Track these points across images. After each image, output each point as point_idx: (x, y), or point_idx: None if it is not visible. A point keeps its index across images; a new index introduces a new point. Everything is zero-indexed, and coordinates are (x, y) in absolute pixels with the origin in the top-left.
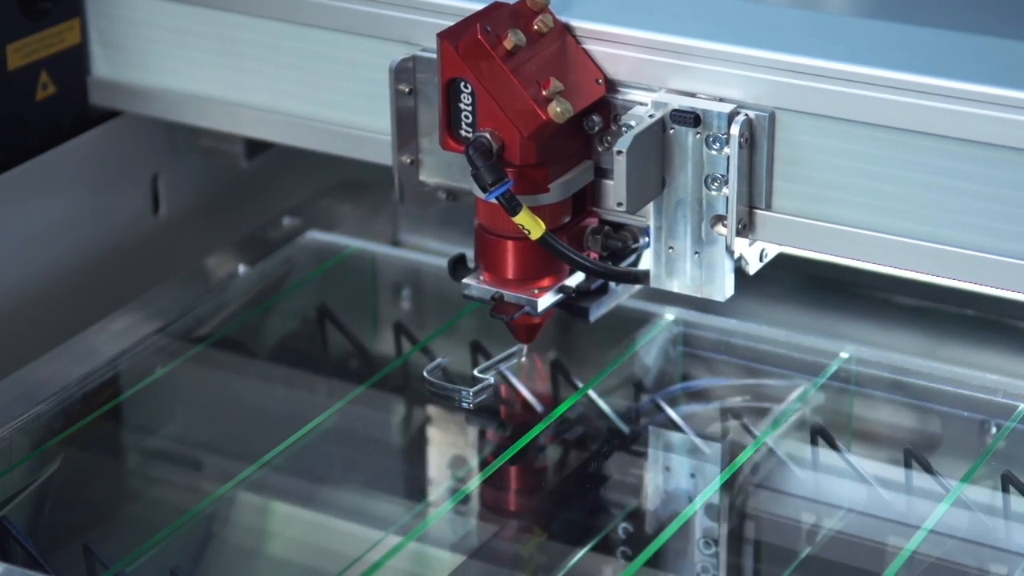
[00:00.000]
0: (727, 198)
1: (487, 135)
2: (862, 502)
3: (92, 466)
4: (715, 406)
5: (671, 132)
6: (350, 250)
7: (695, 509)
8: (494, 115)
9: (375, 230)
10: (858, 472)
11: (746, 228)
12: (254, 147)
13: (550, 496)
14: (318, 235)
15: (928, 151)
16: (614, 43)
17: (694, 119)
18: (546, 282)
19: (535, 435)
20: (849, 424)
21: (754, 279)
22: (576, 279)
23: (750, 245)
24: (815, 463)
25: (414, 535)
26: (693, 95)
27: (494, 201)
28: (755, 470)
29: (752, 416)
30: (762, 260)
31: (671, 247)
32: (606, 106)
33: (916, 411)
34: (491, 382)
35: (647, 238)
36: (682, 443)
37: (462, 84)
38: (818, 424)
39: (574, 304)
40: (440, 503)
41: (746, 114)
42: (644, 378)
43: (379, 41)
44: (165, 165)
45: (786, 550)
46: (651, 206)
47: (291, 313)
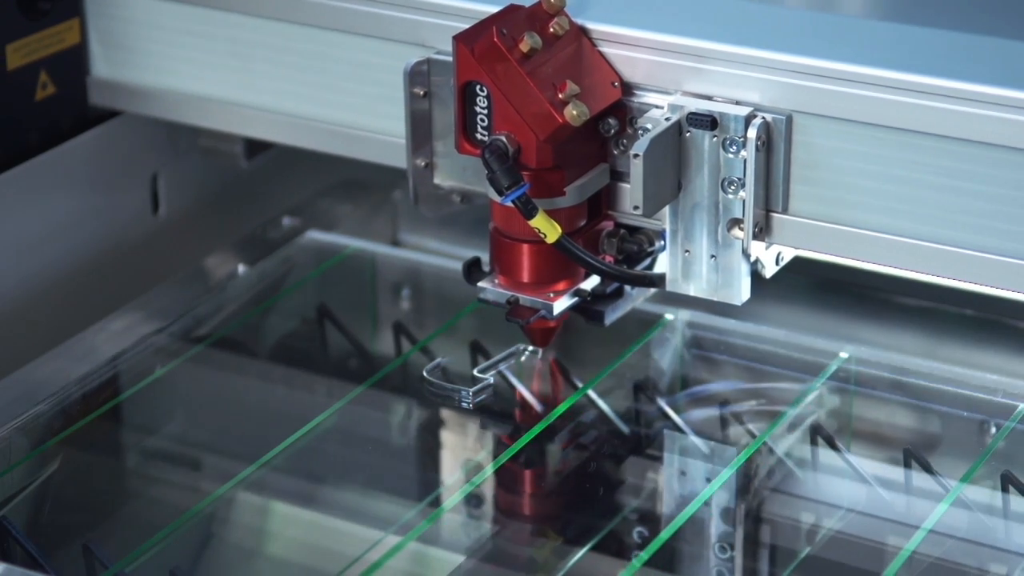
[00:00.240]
0: (744, 201)
1: (503, 138)
2: (862, 502)
3: (92, 466)
4: (714, 406)
5: (687, 135)
6: (350, 250)
7: (695, 509)
8: (510, 118)
9: (375, 230)
10: (858, 472)
11: (763, 231)
12: (254, 147)
13: (550, 496)
14: (318, 235)
15: (947, 154)
16: (630, 46)
17: (711, 122)
18: (561, 286)
19: (535, 435)
20: (849, 424)
21: (754, 279)
22: (591, 282)
23: (767, 248)
24: (815, 463)
25: (414, 535)
26: (710, 98)
27: (510, 205)
28: (755, 470)
29: (752, 416)
30: (778, 263)
31: (687, 250)
32: (622, 109)
33: (916, 411)
34: (491, 382)
35: (663, 241)
36: (681, 443)
37: (478, 87)
38: (818, 424)
39: (589, 307)
40: (439, 503)
41: (763, 117)
42: (643, 378)
43: (384, 42)
44: (165, 165)
45: (786, 550)
46: (667, 209)
47: (291, 313)
